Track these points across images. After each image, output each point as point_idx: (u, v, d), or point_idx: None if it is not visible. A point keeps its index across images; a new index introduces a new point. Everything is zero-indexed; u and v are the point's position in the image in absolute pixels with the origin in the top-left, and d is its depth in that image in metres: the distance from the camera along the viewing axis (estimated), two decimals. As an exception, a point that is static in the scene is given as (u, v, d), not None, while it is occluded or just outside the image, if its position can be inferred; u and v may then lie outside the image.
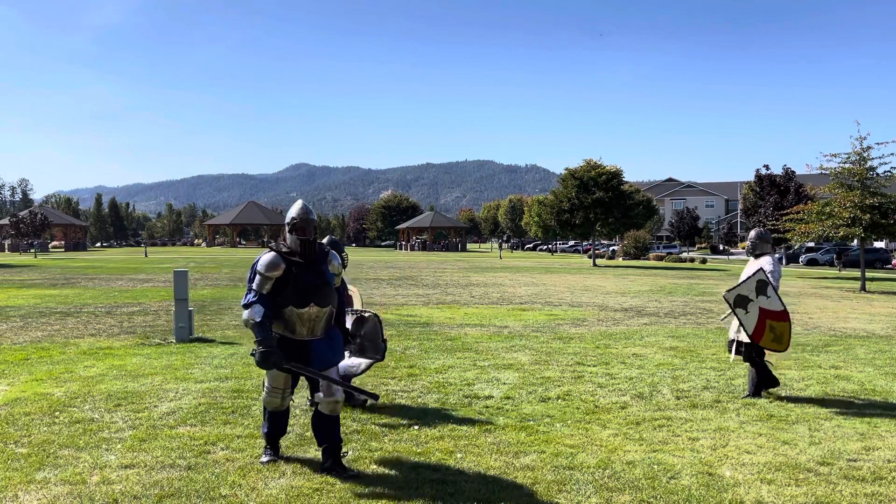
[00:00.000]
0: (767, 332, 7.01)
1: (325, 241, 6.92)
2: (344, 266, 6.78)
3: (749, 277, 7.10)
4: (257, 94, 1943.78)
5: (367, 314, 6.30)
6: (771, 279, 7.07)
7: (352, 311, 6.45)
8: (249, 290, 4.95)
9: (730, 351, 7.47)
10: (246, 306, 4.86)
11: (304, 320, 4.92)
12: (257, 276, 4.91)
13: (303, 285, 4.88)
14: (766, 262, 7.29)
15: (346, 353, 5.51)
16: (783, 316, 7.00)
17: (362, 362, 6.34)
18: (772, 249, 7.52)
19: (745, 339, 7.14)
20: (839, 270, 40.61)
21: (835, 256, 44.37)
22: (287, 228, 5.08)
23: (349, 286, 7.03)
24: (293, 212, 5.08)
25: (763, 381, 7.15)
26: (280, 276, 4.87)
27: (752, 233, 7.57)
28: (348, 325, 6.21)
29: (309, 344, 4.97)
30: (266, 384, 5.14)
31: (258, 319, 4.76)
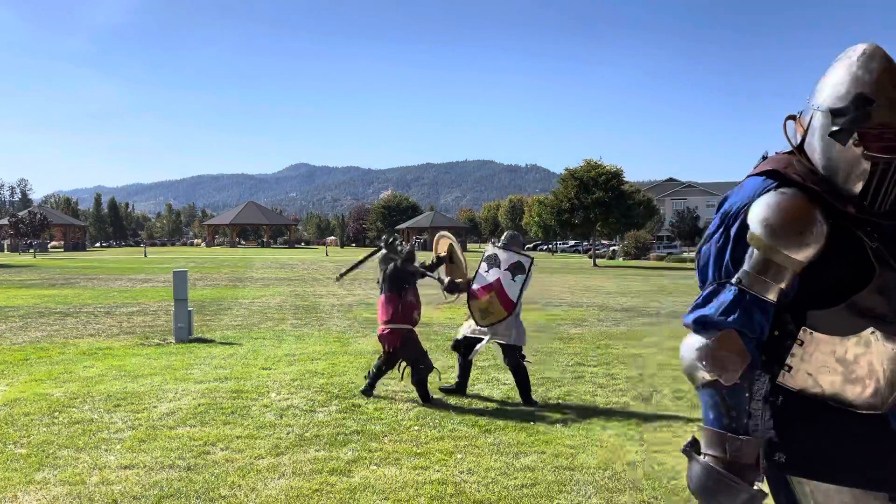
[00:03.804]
0: (485, 300, 7.05)
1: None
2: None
3: (521, 258, 6.97)
4: (257, 94, 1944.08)
5: None
6: (524, 274, 6.90)
7: None
8: (718, 287, 1.97)
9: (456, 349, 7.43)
10: (701, 326, 1.97)
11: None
12: (755, 254, 1.86)
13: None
14: (524, 258, 7.05)
15: None
16: (489, 289, 6.98)
17: None
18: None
19: (501, 340, 6.92)
20: None
21: None
22: (832, 120, 1.81)
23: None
24: (861, 68, 1.79)
25: (527, 386, 6.88)
26: (815, 255, 1.81)
27: (506, 234, 7.34)
28: None
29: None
30: None
31: (736, 379, 1.91)
